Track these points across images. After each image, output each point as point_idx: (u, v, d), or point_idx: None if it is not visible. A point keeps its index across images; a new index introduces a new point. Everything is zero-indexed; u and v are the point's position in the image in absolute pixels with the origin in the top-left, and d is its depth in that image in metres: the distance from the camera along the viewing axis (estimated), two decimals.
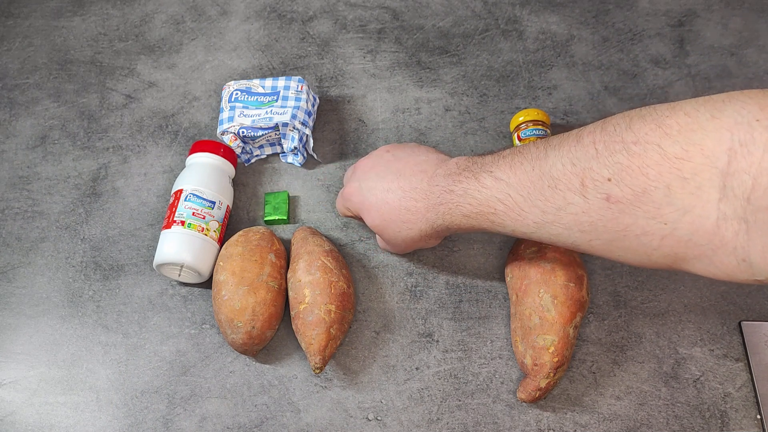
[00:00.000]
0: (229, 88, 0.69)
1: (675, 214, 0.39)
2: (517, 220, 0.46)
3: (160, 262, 0.59)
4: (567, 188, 0.42)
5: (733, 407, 0.56)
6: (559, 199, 0.43)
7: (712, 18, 0.78)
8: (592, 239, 0.43)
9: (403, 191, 0.53)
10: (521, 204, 0.45)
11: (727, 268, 0.39)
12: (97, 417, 0.58)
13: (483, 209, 0.48)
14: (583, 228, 0.43)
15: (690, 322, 0.60)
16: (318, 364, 0.55)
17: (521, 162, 0.46)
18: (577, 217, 0.43)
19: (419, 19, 0.79)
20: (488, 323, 0.60)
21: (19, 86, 0.77)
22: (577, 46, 0.76)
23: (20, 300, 0.63)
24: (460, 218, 0.50)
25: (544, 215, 0.44)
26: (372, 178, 0.55)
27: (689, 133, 0.38)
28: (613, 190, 0.40)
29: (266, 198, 0.66)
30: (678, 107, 0.39)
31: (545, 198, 0.44)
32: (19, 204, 0.69)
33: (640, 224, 0.40)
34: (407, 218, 0.53)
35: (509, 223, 0.47)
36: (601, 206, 0.41)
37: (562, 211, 0.43)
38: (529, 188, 0.45)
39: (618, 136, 0.40)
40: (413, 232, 0.54)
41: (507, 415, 0.56)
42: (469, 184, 0.48)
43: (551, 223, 0.44)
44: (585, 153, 0.42)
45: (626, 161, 0.39)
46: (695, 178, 0.37)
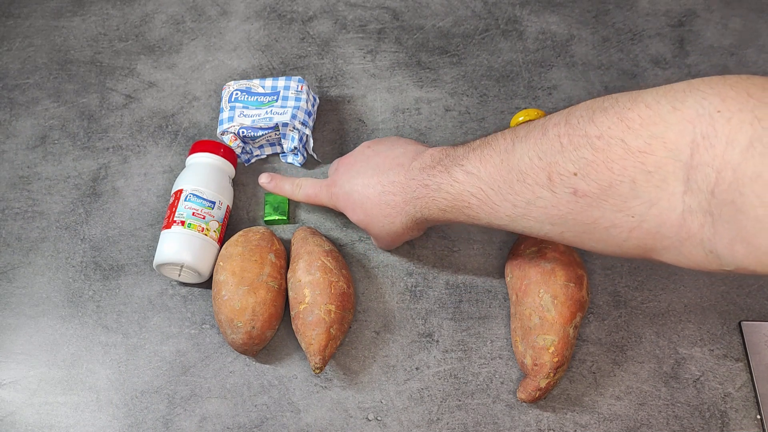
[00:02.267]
0: (229, 88, 0.69)
1: (641, 207, 0.39)
2: (490, 213, 0.47)
3: (160, 262, 0.59)
4: (535, 182, 0.43)
5: (733, 407, 0.56)
6: (528, 193, 0.43)
7: (712, 18, 0.78)
8: (563, 231, 0.44)
9: (382, 186, 0.53)
10: (493, 198, 0.46)
11: (696, 258, 0.39)
12: (97, 417, 0.58)
13: (457, 203, 0.48)
14: (553, 221, 0.43)
15: (690, 322, 0.60)
16: (318, 364, 0.55)
17: (490, 155, 0.46)
18: (547, 211, 0.43)
19: (419, 19, 0.79)
20: (488, 323, 0.60)
21: (19, 86, 0.77)
22: (577, 46, 0.76)
23: (20, 300, 0.63)
24: (437, 212, 0.50)
25: (515, 209, 0.45)
26: (353, 175, 0.56)
27: (651, 126, 0.38)
28: (580, 184, 0.40)
29: (266, 198, 0.66)
30: (639, 98, 0.39)
31: (515, 192, 0.44)
32: (19, 204, 0.69)
33: (608, 217, 0.40)
34: (388, 212, 0.54)
35: (483, 216, 0.47)
36: (569, 200, 0.41)
37: (531, 204, 0.44)
38: (499, 182, 0.45)
39: (582, 130, 0.40)
40: (395, 225, 0.54)
41: (507, 415, 0.56)
42: (442, 179, 0.49)
43: (522, 216, 0.45)
44: (551, 147, 0.42)
45: (591, 156, 0.39)
46: (659, 172, 0.37)
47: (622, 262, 0.63)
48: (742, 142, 0.34)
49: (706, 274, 0.62)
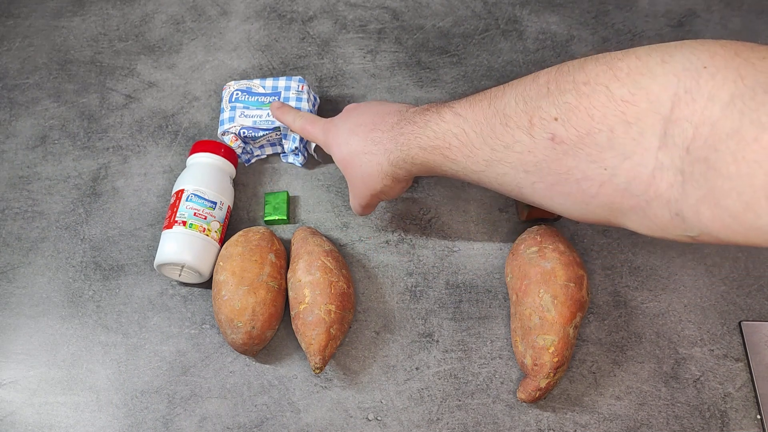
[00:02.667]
0: (230, 89, 0.69)
1: (615, 160, 0.38)
2: (469, 156, 0.46)
3: (161, 262, 0.59)
4: (516, 126, 0.42)
5: (733, 407, 0.56)
6: (508, 136, 0.43)
7: (712, 18, 0.78)
8: (535, 181, 0.43)
9: (374, 124, 0.53)
10: (474, 140, 0.46)
11: (661, 221, 0.39)
12: (97, 417, 0.58)
13: (439, 143, 0.48)
14: (527, 168, 0.43)
15: (690, 322, 0.60)
16: (318, 364, 0.55)
17: (480, 99, 0.46)
18: (523, 156, 0.43)
19: (419, 19, 0.79)
20: (488, 323, 0.60)
21: (19, 86, 0.77)
22: (577, 46, 0.76)
23: (20, 300, 0.63)
24: (416, 150, 0.50)
25: (493, 152, 0.45)
26: (352, 115, 0.56)
27: (638, 77, 0.37)
28: (559, 129, 0.40)
29: (266, 198, 0.66)
30: (631, 51, 0.39)
31: (496, 135, 0.44)
32: (19, 204, 0.69)
33: (581, 168, 0.40)
34: (369, 149, 0.53)
35: (461, 160, 0.47)
36: (546, 146, 0.41)
37: (509, 149, 0.43)
38: (483, 124, 0.45)
39: (570, 76, 0.40)
40: (372, 166, 0.53)
41: (507, 415, 0.56)
42: (431, 117, 0.49)
43: (499, 161, 0.45)
44: (537, 92, 0.42)
45: (574, 101, 0.39)
46: (638, 123, 0.37)
47: (622, 262, 0.63)
48: (724, 98, 0.33)
49: (706, 274, 0.62)
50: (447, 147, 0.48)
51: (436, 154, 0.49)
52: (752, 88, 0.32)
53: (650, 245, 0.64)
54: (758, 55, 0.34)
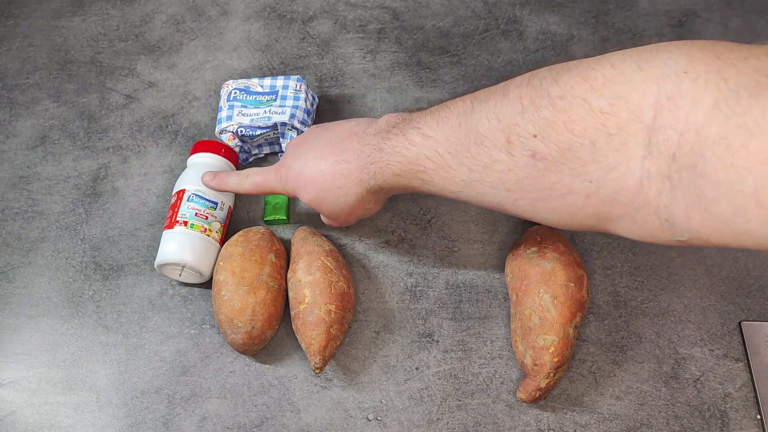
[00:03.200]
0: (228, 87, 0.69)
1: (600, 172, 0.38)
2: (446, 178, 0.45)
3: (162, 262, 0.59)
4: (493, 145, 0.41)
5: (733, 407, 0.56)
6: (485, 156, 0.42)
7: (712, 18, 0.78)
8: (517, 198, 0.43)
9: (335, 156, 0.52)
10: (449, 161, 0.44)
11: (650, 228, 0.38)
12: (97, 417, 0.58)
13: (412, 167, 0.47)
14: (508, 186, 0.42)
15: (690, 322, 0.60)
16: (318, 364, 0.55)
17: (448, 117, 0.45)
18: (503, 175, 0.42)
19: (419, 19, 0.79)
20: (488, 323, 0.60)
21: (19, 86, 0.77)
22: (577, 46, 0.76)
23: (20, 300, 0.63)
24: (391, 177, 0.49)
25: (471, 173, 0.44)
26: (303, 151, 0.54)
27: (615, 86, 0.36)
28: (539, 146, 0.39)
29: (266, 198, 0.66)
30: (604, 59, 0.38)
31: (472, 155, 0.43)
32: (19, 204, 0.69)
33: (565, 182, 0.39)
34: (341, 183, 0.52)
35: (438, 182, 0.46)
36: (527, 163, 0.40)
37: (488, 168, 0.42)
38: (456, 145, 0.44)
39: (544, 91, 0.39)
40: (350, 197, 0.52)
41: (507, 415, 0.56)
42: (398, 142, 0.47)
43: (478, 181, 0.44)
44: (511, 108, 0.41)
45: (552, 117, 0.38)
46: (620, 134, 0.36)
47: (622, 262, 0.63)
48: (707, 104, 0.33)
49: (706, 274, 0.62)
50: (422, 170, 0.46)
51: (411, 178, 0.48)
52: (736, 92, 0.32)
53: (650, 245, 0.64)
54: (739, 55, 0.33)
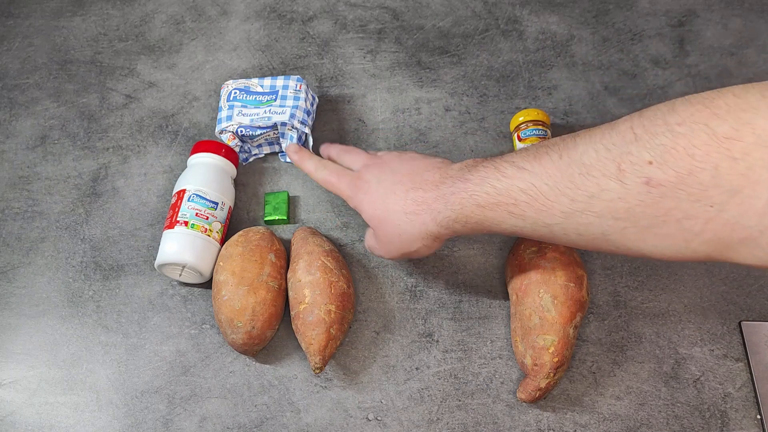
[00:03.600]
0: (228, 87, 0.69)
1: (722, 196, 0.37)
2: (540, 210, 0.44)
3: (163, 262, 0.59)
4: (601, 174, 0.41)
5: (733, 407, 0.56)
6: (592, 185, 0.41)
7: (712, 18, 0.78)
8: (626, 227, 0.42)
9: (412, 183, 0.51)
10: (547, 193, 0.44)
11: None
12: (97, 417, 0.58)
13: (502, 199, 0.46)
14: (617, 215, 0.41)
15: (690, 322, 0.60)
16: (318, 364, 0.55)
17: (546, 152, 0.44)
18: (612, 204, 0.41)
19: (419, 19, 0.79)
20: (488, 323, 0.60)
21: (19, 86, 0.77)
22: (577, 46, 0.76)
23: (20, 300, 0.63)
24: (472, 209, 0.47)
25: (573, 203, 0.43)
26: (384, 172, 0.54)
27: (739, 113, 0.36)
28: (655, 173, 0.39)
29: (266, 198, 0.66)
30: (725, 90, 0.38)
31: (576, 185, 0.42)
32: (19, 204, 0.69)
33: (683, 208, 0.39)
34: (412, 209, 0.51)
35: (531, 215, 0.45)
36: (641, 191, 0.40)
37: (595, 198, 0.42)
38: (556, 177, 0.43)
39: (660, 120, 0.39)
40: (414, 226, 0.51)
41: (507, 415, 0.56)
42: (488, 173, 0.47)
43: (581, 211, 0.43)
44: (622, 138, 0.40)
45: (670, 142, 0.38)
46: (746, 159, 0.36)
47: (622, 262, 0.63)
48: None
49: (706, 274, 0.62)
50: (512, 203, 0.45)
51: (499, 210, 0.46)
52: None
53: None
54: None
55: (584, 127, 0.70)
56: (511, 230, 0.48)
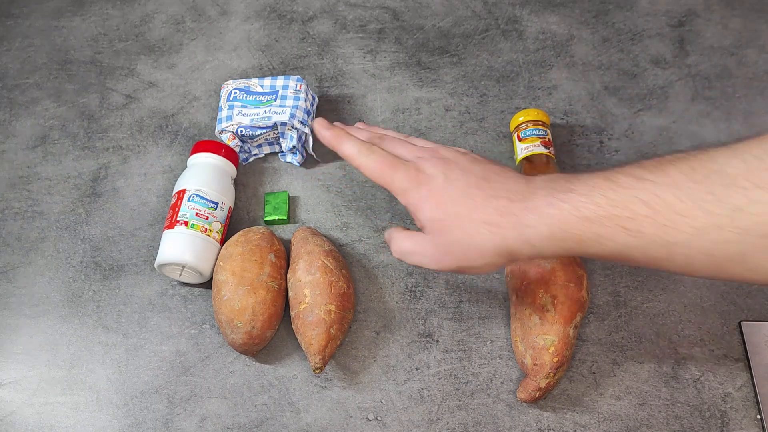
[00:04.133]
0: (228, 87, 0.69)
1: None
2: (665, 226, 0.38)
3: (162, 262, 0.59)
4: (754, 185, 0.35)
5: (733, 407, 0.56)
6: (739, 197, 0.35)
7: (712, 18, 0.78)
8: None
9: (494, 190, 0.43)
10: (676, 206, 0.37)
11: None
12: (97, 417, 0.58)
13: (616, 212, 0.39)
14: (767, 232, 0.35)
15: (690, 322, 0.60)
16: (318, 364, 0.55)
17: (672, 162, 0.38)
18: (763, 218, 0.35)
19: (419, 19, 0.79)
20: (488, 323, 0.60)
21: (19, 86, 0.77)
22: (577, 46, 0.76)
23: (20, 300, 0.63)
24: (574, 223, 0.40)
25: (709, 217, 0.37)
26: (453, 170, 0.46)
27: None
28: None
29: (266, 198, 0.66)
30: None
31: (716, 198, 0.36)
32: (19, 204, 0.69)
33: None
34: (493, 220, 0.43)
35: (651, 231, 0.38)
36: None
37: (740, 211, 0.36)
38: (689, 187, 0.37)
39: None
40: (491, 240, 0.43)
41: (507, 415, 0.56)
42: (597, 182, 0.40)
43: (719, 227, 0.36)
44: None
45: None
46: None
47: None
48: None
49: None
50: (629, 217, 0.38)
51: (610, 225, 0.39)
52: None
53: None
54: None
55: (584, 127, 0.70)
56: (617, 252, 0.41)
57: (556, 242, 0.41)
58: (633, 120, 0.71)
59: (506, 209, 0.42)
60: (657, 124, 0.70)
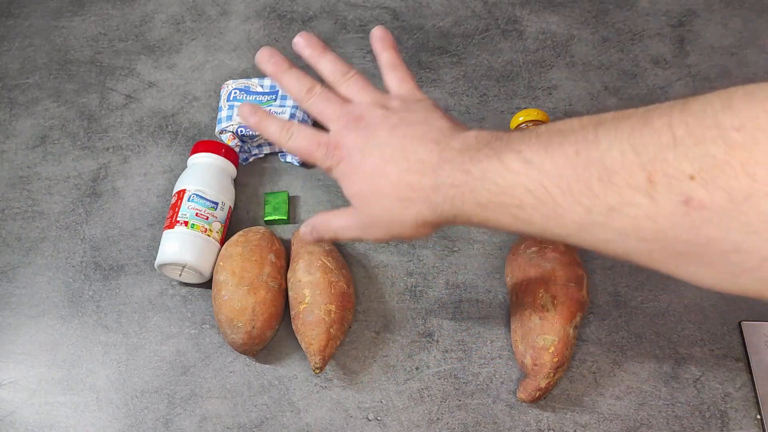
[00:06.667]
0: (228, 87, 0.69)
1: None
2: (550, 218, 0.37)
3: (163, 262, 0.59)
4: (626, 184, 0.33)
5: (733, 407, 0.56)
6: (614, 196, 0.33)
7: (712, 18, 0.78)
8: (653, 250, 0.34)
9: (407, 162, 0.43)
10: (558, 198, 0.36)
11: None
12: (97, 417, 0.58)
13: (505, 199, 0.38)
14: (643, 235, 0.33)
15: (690, 322, 0.60)
16: (318, 364, 0.55)
17: (561, 143, 0.36)
18: (638, 222, 0.33)
19: (419, 19, 0.79)
20: (488, 323, 0.60)
21: (19, 86, 0.77)
22: (577, 46, 0.76)
23: (20, 300, 0.63)
24: (473, 207, 0.40)
25: (589, 215, 0.35)
26: (371, 139, 0.45)
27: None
28: (698, 192, 0.30)
29: (266, 198, 0.66)
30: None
31: (593, 194, 0.34)
32: (19, 204, 0.69)
33: (732, 239, 0.30)
34: (406, 195, 0.43)
35: (539, 221, 0.37)
36: (676, 211, 0.31)
37: (615, 212, 0.34)
38: (570, 179, 0.35)
39: (710, 119, 0.30)
40: (409, 214, 0.43)
41: (507, 415, 0.56)
42: (490, 165, 0.38)
43: (599, 225, 0.35)
44: (656, 140, 0.32)
45: (722, 155, 0.29)
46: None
47: (622, 262, 0.63)
48: None
49: None
50: (517, 205, 0.37)
51: (501, 212, 0.39)
52: None
53: None
54: None
55: None
56: (519, 232, 0.41)
57: (462, 218, 0.42)
58: None
59: (417, 185, 0.42)
60: None
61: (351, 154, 0.45)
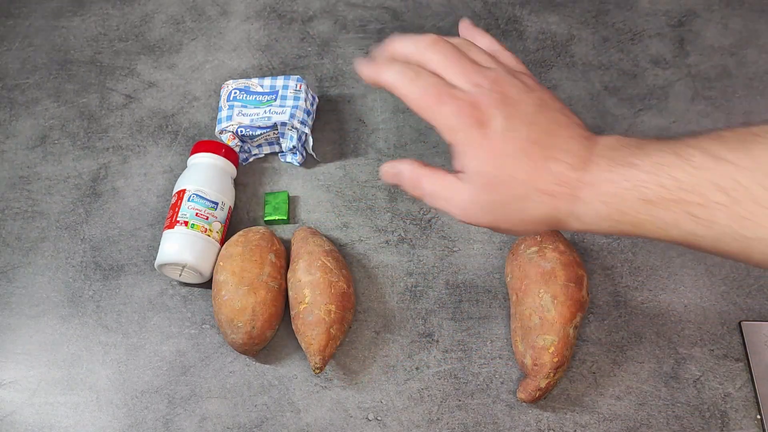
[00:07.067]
0: (228, 87, 0.69)
1: None
2: (743, 218, 0.32)
3: (163, 262, 0.59)
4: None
5: (733, 407, 0.56)
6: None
7: (712, 18, 0.78)
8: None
9: (553, 146, 0.37)
10: (759, 195, 0.32)
11: None
12: (97, 417, 0.58)
13: (684, 196, 0.33)
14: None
15: (690, 322, 0.60)
16: (318, 364, 0.55)
17: (758, 138, 0.33)
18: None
19: (419, 19, 0.79)
20: (488, 323, 0.60)
21: (19, 86, 0.77)
22: (577, 46, 0.76)
23: (20, 300, 0.63)
24: (634, 204, 0.35)
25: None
26: (514, 118, 0.38)
27: None
28: None
29: (266, 198, 0.66)
30: None
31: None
32: (19, 204, 0.69)
33: None
34: (547, 188, 0.37)
35: (724, 222, 0.33)
36: None
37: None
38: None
39: None
40: (541, 210, 0.38)
41: (507, 415, 0.56)
42: (664, 159, 0.34)
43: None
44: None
45: None
46: None
47: (622, 262, 0.63)
48: None
49: (706, 274, 0.62)
50: (701, 204, 0.33)
51: (676, 211, 0.34)
52: None
53: (650, 245, 0.63)
54: None
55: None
56: (680, 239, 0.35)
57: (610, 222, 0.37)
58: (633, 120, 0.71)
59: (563, 178, 0.37)
60: (657, 124, 0.70)
61: (493, 123, 0.38)
